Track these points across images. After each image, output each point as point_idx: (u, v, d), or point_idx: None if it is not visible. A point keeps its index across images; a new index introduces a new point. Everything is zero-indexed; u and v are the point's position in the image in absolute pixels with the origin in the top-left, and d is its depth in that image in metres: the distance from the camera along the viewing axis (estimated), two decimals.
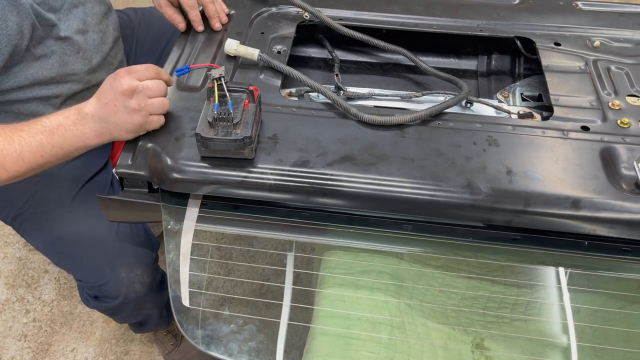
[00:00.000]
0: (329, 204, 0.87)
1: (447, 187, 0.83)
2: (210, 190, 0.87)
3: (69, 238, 1.14)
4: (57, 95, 1.10)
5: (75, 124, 0.86)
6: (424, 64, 1.13)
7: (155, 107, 0.86)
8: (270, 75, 1.03)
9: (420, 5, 1.20)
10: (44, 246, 1.18)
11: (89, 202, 1.15)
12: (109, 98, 0.84)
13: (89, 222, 1.14)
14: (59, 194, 1.16)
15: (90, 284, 1.17)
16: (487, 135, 0.91)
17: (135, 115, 0.85)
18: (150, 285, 1.21)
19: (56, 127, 0.86)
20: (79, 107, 0.87)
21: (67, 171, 1.18)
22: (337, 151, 0.88)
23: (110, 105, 0.84)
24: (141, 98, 0.85)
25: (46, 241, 1.17)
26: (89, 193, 1.17)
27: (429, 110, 0.94)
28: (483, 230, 0.87)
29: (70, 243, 1.14)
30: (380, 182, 0.84)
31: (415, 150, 0.89)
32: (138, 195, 0.92)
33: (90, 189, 1.18)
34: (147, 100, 0.85)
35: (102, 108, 0.85)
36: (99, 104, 0.85)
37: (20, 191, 1.16)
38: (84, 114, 0.86)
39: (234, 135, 0.82)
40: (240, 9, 1.17)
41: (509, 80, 1.21)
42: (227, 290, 0.87)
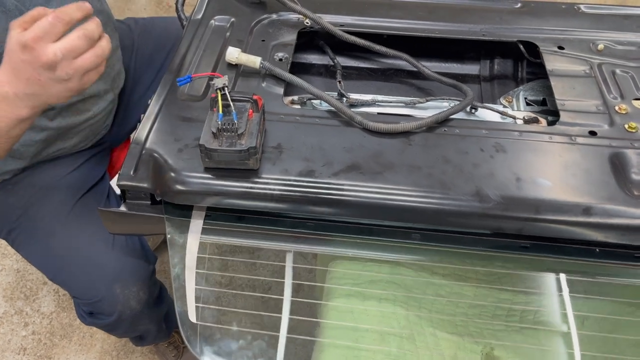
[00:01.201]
0: (336, 214, 0.86)
1: (456, 196, 0.82)
2: (215, 202, 0.86)
3: (63, 254, 1.12)
4: (51, 107, 1.07)
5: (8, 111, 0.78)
6: (427, 69, 1.12)
7: (87, 65, 0.76)
8: (273, 83, 1.02)
9: (422, 10, 1.19)
10: (38, 262, 1.16)
11: (84, 216, 1.13)
12: (29, 73, 0.74)
13: (84, 237, 1.12)
14: (54, 208, 1.14)
15: (85, 300, 1.15)
16: (494, 142, 0.90)
17: (68, 84, 0.76)
18: (147, 301, 1.19)
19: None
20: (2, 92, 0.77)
21: (63, 184, 1.16)
22: (342, 160, 0.87)
23: (34, 81, 0.75)
24: (66, 65, 0.74)
25: (40, 257, 1.15)
26: (84, 207, 1.15)
27: (435, 117, 0.93)
28: (492, 238, 0.85)
29: (65, 259, 1.12)
30: (387, 191, 0.83)
31: (422, 158, 0.87)
32: (140, 207, 0.90)
33: (86, 202, 1.16)
34: (75, 63, 0.75)
35: (26, 85, 0.75)
36: (19, 81, 0.75)
37: (14, 205, 1.14)
38: (5, 95, 0.76)
39: (238, 146, 0.81)
40: (240, 16, 1.15)
41: (512, 85, 1.20)
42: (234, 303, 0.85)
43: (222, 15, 1.15)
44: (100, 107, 1.18)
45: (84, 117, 1.15)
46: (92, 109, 1.16)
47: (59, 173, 1.17)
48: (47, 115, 1.08)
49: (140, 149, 0.89)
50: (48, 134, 1.10)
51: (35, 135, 1.09)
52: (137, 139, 0.90)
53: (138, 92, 1.33)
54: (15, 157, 1.11)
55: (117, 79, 1.22)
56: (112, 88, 1.21)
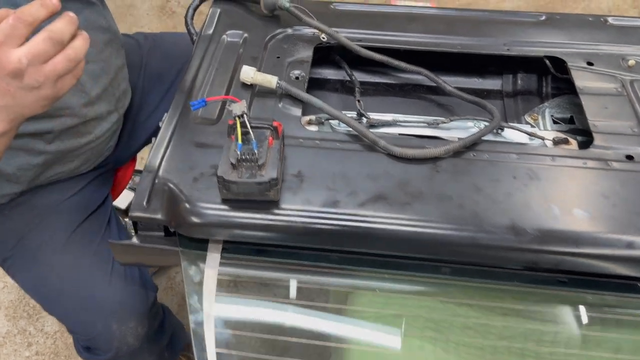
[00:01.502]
0: (362, 246, 0.81)
1: (490, 228, 0.77)
2: (233, 236, 0.81)
3: (59, 286, 1.07)
4: (48, 130, 1.01)
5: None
6: (447, 85, 1.07)
7: (60, 69, 0.68)
8: (290, 103, 0.97)
9: (441, 24, 1.14)
10: (33, 292, 1.11)
11: (82, 245, 1.08)
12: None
13: (81, 268, 1.06)
14: (51, 236, 1.08)
15: (81, 335, 1.10)
16: (527, 168, 0.85)
17: (40, 92, 0.69)
18: (146, 335, 1.14)
19: None
20: None
21: (62, 209, 1.10)
22: (367, 189, 0.82)
23: (2, 92, 0.68)
24: (34, 72, 0.67)
25: (36, 287, 1.10)
26: (83, 234, 1.09)
27: (463, 142, 0.88)
28: (527, 272, 0.81)
29: (60, 292, 1.07)
30: (417, 223, 0.78)
31: (452, 187, 0.83)
32: (153, 240, 0.85)
33: (86, 229, 1.10)
34: (44, 69, 0.67)
35: None
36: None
37: (10, 232, 1.08)
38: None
39: (259, 178, 0.76)
40: (253, 30, 1.10)
41: (536, 101, 1.16)
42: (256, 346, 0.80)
43: (234, 30, 1.10)
44: (104, 129, 1.12)
45: (85, 140, 1.09)
46: (94, 131, 1.10)
47: (58, 198, 1.11)
48: (45, 139, 1.02)
49: (153, 178, 0.84)
50: (46, 158, 1.05)
51: (32, 159, 1.03)
52: (150, 167, 0.85)
53: (145, 111, 1.28)
54: (12, 181, 1.05)
55: (122, 98, 1.17)
56: (117, 108, 1.15)
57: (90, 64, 1.04)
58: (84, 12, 1.02)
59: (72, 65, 0.70)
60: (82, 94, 1.03)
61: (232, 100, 0.84)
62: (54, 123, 1.02)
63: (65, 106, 1.01)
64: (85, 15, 1.02)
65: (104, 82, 1.08)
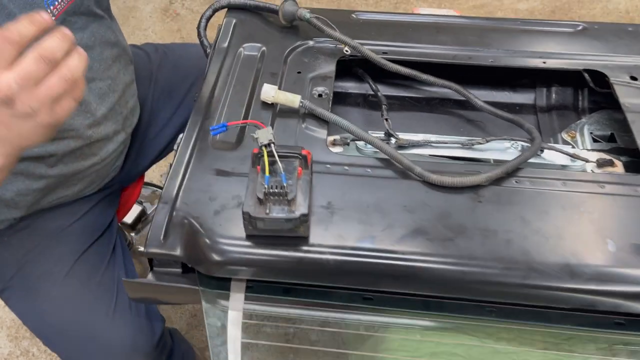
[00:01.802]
0: (401, 287, 0.74)
1: (542, 268, 0.70)
2: (259, 275, 0.74)
3: (59, 321, 0.99)
4: (51, 154, 0.94)
5: None
6: (478, 100, 1.00)
7: (55, 92, 0.61)
8: (314, 124, 0.90)
9: (472, 34, 1.07)
10: (32, 328, 1.03)
11: (85, 275, 1.00)
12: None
13: (82, 302, 0.99)
14: (52, 266, 1.00)
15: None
16: (576, 197, 0.79)
17: (36, 119, 0.62)
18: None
19: None
20: None
21: (64, 236, 1.03)
22: (405, 222, 0.75)
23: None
24: (27, 97, 0.60)
25: (35, 321, 1.02)
26: (86, 264, 1.02)
27: (505, 168, 0.81)
28: (582, 313, 0.74)
29: (60, 327, 0.99)
30: (461, 261, 0.71)
31: (497, 219, 0.76)
32: (171, 277, 0.78)
33: (89, 258, 1.02)
34: (37, 93, 0.60)
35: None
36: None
37: (9, 260, 1.01)
38: None
39: (289, 214, 0.69)
40: (271, 43, 1.03)
41: (573, 116, 1.09)
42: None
43: (251, 43, 1.03)
44: (110, 150, 1.05)
45: (89, 162, 1.02)
46: (99, 153, 1.03)
47: (60, 223, 1.04)
48: (47, 162, 0.95)
49: (169, 210, 0.77)
50: (47, 182, 0.97)
51: (32, 184, 0.96)
52: (166, 198, 0.78)
53: (155, 128, 1.20)
54: (10, 207, 0.98)
55: (130, 117, 1.09)
56: (124, 128, 1.07)
57: (97, 82, 0.97)
58: (90, 26, 0.95)
59: (69, 86, 0.62)
60: (86, 115, 0.96)
61: (255, 124, 0.78)
62: (57, 146, 0.94)
63: (68, 127, 0.94)
64: (92, 29, 0.95)
65: (111, 101, 1.01)
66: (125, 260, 1.11)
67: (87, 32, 0.95)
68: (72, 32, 0.91)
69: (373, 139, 0.83)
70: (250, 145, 0.85)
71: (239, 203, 0.76)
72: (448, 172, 0.82)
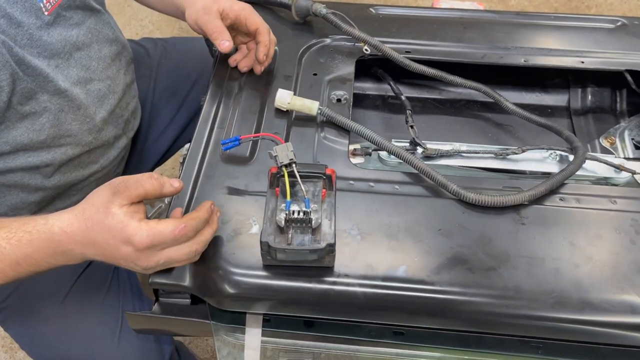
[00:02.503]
0: (437, 323, 0.66)
1: (598, 303, 0.63)
2: (278, 310, 0.66)
3: (58, 346, 0.90)
4: (47, 163, 0.85)
5: (61, 261, 0.67)
6: (509, 103, 0.92)
7: (176, 261, 0.64)
8: (334, 133, 0.81)
9: (501, 31, 0.98)
10: (30, 352, 0.94)
11: (87, 296, 0.92)
12: (115, 260, 0.63)
13: (84, 325, 0.90)
14: (50, 286, 0.91)
15: None
16: (630, 219, 0.71)
17: (149, 271, 0.65)
18: None
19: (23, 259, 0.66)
20: (57, 240, 0.64)
21: None
22: (441, 249, 0.67)
23: (112, 262, 0.65)
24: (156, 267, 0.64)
25: (33, 346, 0.93)
26: (88, 283, 0.93)
27: (549, 184, 0.73)
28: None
29: (61, 353, 0.91)
30: (506, 295, 0.63)
31: (543, 245, 0.68)
32: (179, 309, 0.70)
33: (90, 277, 0.94)
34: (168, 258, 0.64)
35: (99, 258, 0.65)
36: (96, 253, 0.64)
37: None
38: (69, 252, 0.65)
39: (313, 244, 0.61)
40: (284, 42, 0.94)
41: (610, 119, 1.00)
42: None
43: None
44: (110, 157, 0.96)
45: (89, 171, 0.93)
46: (99, 160, 0.94)
47: None
48: (43, 173, 0.86)
49: None
50: (44, 194, 0.89)
51: (27, 197, 0.87)
52: None
53: (156, 130, 1.11)
54: None
55: (131, 120, 1.00)
56: (125, 132, 0.98)
57: (95, 83, 0.88)
58: (87, 22, 0.86)
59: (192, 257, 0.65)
60: (86, 119, 0.87)
61: (271, 138, 0.69)
62: (54, 154, 0.85)
63: (65, 134, 0.85)
64: (88, 25, 0.86)
65: (110, 104, 0.91)
66: (130, 279, 1.02)
67: (83, 29, 0.86)
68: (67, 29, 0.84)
69: (402, 152, 0.75)
70: (265, 158, 0.77)
71: (255, 227, 0.68)
72: (483, 188, 0.74)
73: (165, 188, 0.64)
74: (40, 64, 0.78)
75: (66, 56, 0.83)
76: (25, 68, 0.76)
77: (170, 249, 0.62)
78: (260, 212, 0.65)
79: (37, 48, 0.78)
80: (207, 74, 0.95)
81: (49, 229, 0.64)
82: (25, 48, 0.76)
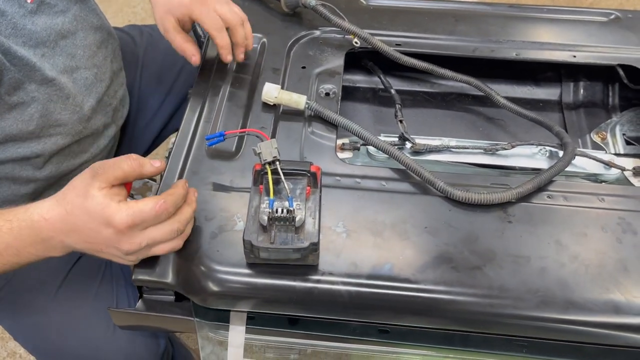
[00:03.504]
0: (422, 322, 0.66)
1: (582, 302, 0.62)
2: (262, 307, 0.66)
3: (53, 337, 0.90)
4: (37, 154, 0.84)
5: (42, 250, 0.66)
6: (500, 97, 0.91)
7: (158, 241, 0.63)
8: (321, 128, 0.81)
9: (494, 24, 0.97)
10: (25, 344, 0.94)
11: (81, 287, 0.91)
12: (99, 246, 0.63)
13: (79, 315, 0.90)
14: (43, 278, 0.90)
15: None
16: (617, 217, 0.70)
17: (128, 257, 0.65)
18: None
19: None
20: (37, 227, 0.63)
21: None
22: (426, 247, 0.67)
23: (97, 250, 0.64)
24: (146, 250, 0.63)
25: (27, 337, 0.93)
26: (81, 273, 0.92)
27: (537, 182, 0.72)
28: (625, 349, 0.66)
29: (56, 344, 0.90)
30: (491, 294, 0.63)
31: (529, 243, 0.67)
32: (163, 306, 0.70)
33: (83, 268, 0.93)
34: (155, 249, 0.64)
35: (85, 247, 0.64)
36: (80, 242, 0.63)
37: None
38: (51, 242, 0.64)
39: (297, 243, 0.60)
40: (273, 34, 0.93)
41: (602, 114, 1.00)
42: None
43: None
44: (100, 146, 0.95)
45: (80, 161, 0.92)
46: (89, 149, 0.93)
47: None
48: (34, 164, 0.85)
49: None
50: (36, 186, 0.88)
51: (19, 189, 0.87)
52: None
53: (144, 117, 1.11)
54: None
55: (120, 108, 0.99)
56: (115, 120, 0.98)
57: (82, 71, 0.87)
58: (72, 9, 0.85)
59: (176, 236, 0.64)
60: (75, 108, 0.86)
61: (256, 134, 0.68)
62: (44, 145, 0.85)
63: (55, 123, 0.84)
64: (73, 13, 0.85)
65: (98, 92, 0.91)
66: (122, 266, 1.01)
67: (68, 16, 0.84)
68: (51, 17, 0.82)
69: (390, 148, 0.74)
70: (251, 153, 0.75)
71: (240, 224, 0.68)
72: (471, 185, 0.74)
73: (145, 168, 0.63)
74: (26, 53, 0.77)
75: (52, 45, 0.82)
76: (11, 58, 0.75)
77: (151, 229, 0.61)
78: (245, 209, 0.64)
79: (22, 37, 0.77)
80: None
81: (29, 216, 0.63)
82: (10, 38, 0.75)
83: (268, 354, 0.74)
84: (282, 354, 0.74)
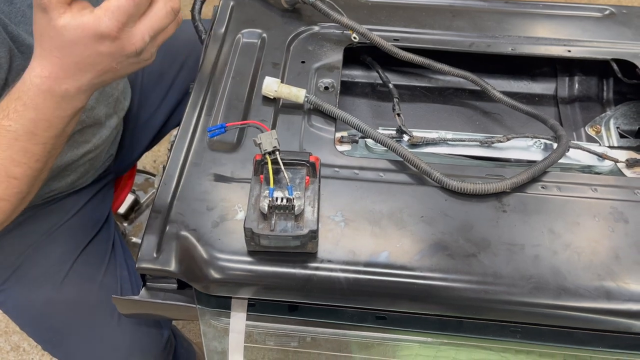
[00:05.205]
0: (418, 308, 0.67)
1: (574, 288, 0.64)
2: (262, 294, 0.68)
3: (59, 326, 0.92)
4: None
5: (68, 107, 0.63)
6: (496, 91, 0.92)
7: (168, 37, 0.65)
8: (320, 121, 0.82)
9: (490, 20, 0.98)
10: (32, 333, 0.96)
11: (85, 276, 0.93)
12: (106, 65, 0.60)
13: (84, 305, 0.92)
14: (48, 268, 0.93)
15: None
16: (609, 206, 0.72)
17: (143, 62, 0.65)
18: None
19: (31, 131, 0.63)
20: (46, 89, 0.60)
21: (59, 235, 0.95)
22: (423, 236, 0.68)
23: (109, 69, 0.62)
24: (152, 45, 0.63)
25: (34, 327, 0.95)
26: (86, 263, 0.94)
27: (531, 172, 0.74)
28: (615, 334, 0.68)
29: (61, 332, 0.92)
30: (485, 281, 0.65)
31: (523, 232, 0.69)
32: (166, 294, 0.72)
33: (88, 258, 0.95)
34: (158, 39, 0.64)
35: (96, 76, 0.61)
36: (87, 73, 0.60)
37: (2, 263, 0.94)
38: (64, 93, 0.61)
39: (296, 230, 0.62)
40: (272, 29, 0.95)
41: (597, 108, 1.01)
42: None
43: (250, 29, 0.94)
44: (103, 137, 0.97)
45: (82, 151, 0.94)
46: (92, 140, 0.95)
47: (55, 221, 0.97)
48: None
49: (163, 221, 0.70)
50: None
51: None
52: (159, 206, 0.71)
53: (146, 112, 1.13)
54: None
55: (121, 99, 1.01)
56: (116, 111, 1.00)
57: None
58: None
59: (176, 28, 0.65)
60: None
61: (257, 125, 0.70)
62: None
63: None
64: None
65: None
66: (125, 256, 1.04)
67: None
68: None
69: (387, 140, 0.76)
70: (251, 145, 0.77)
71: (240, 213, 0.69)
72: (467, 176, 0.75)
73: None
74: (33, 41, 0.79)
75: None
76: (19, 45, 0.77)
77: (144, 20, 0.59)
78: (246, 199, 0.66)
79: (30, 25, 0.78)
80: (195, 56, 0.96)
81: (33, 86, 0.61)
82: (20, 25, 0.77)
83: (269, 342, 0.76)
84: (282, 342, 0.76)
